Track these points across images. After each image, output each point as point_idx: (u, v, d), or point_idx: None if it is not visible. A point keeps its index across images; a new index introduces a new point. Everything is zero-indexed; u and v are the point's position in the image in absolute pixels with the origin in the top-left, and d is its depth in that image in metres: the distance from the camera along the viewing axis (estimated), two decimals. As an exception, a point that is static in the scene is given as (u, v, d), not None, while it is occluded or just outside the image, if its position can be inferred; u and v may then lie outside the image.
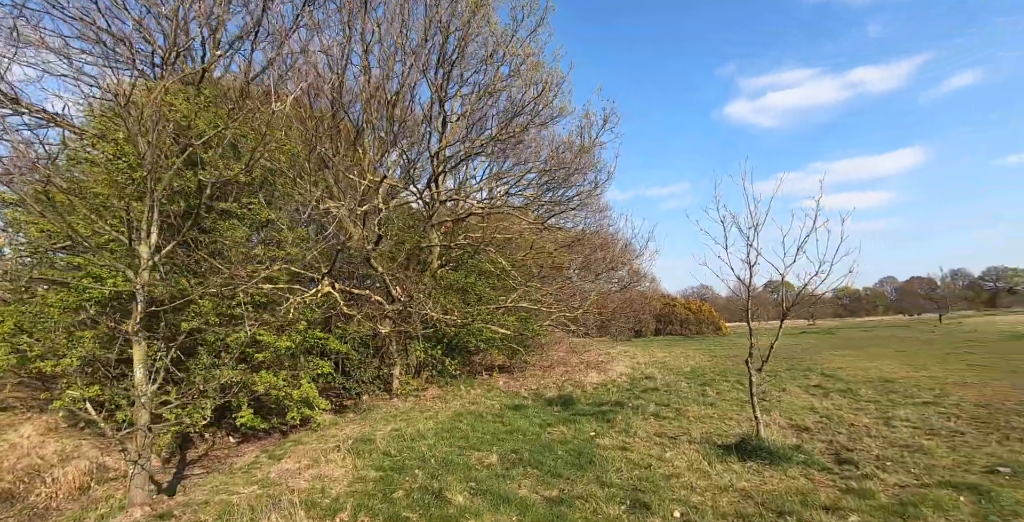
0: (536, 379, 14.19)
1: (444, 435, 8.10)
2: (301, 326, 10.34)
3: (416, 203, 16.10)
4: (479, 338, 13.66)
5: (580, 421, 8.60)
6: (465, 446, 7.38)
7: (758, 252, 6.59)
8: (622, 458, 6.35)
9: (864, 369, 14.48)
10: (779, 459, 5.88)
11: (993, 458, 5.93)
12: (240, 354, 10.10)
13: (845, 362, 16.66)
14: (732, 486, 5.23)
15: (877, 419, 8.14)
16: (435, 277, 14.30)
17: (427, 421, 9.41)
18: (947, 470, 5.55)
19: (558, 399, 10.70)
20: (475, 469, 6.27)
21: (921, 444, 6.54)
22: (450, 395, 12.19)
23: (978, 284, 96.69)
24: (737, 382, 12.33)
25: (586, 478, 5.69)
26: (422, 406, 11.19)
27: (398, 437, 8.17)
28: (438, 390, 13.02)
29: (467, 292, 14.64)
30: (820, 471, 5.68)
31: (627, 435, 7.50)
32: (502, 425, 8.67)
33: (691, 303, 42.38)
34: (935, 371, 13.52)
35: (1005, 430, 7.25)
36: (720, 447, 6.61)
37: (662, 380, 13.03)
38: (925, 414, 8.33)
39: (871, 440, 6.90)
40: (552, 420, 8.82)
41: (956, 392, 10.16)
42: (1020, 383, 11.02)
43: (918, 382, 11.60)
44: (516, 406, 10.23)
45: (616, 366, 15.98)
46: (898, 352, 19.95)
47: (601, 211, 19.34)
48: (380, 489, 5.83)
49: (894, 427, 7.58)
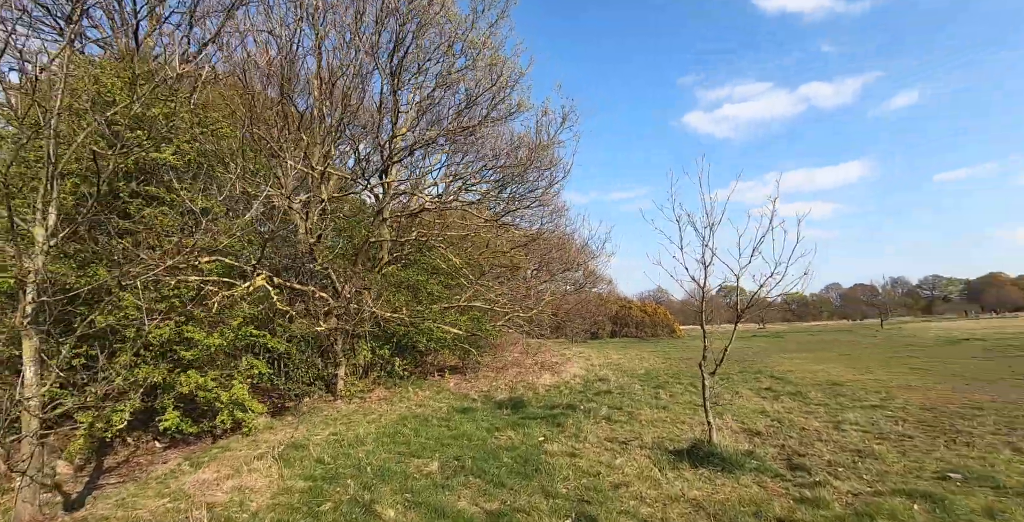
0: (488, 380, 13.77)
1: (385, 441, 7.58)
2: (235, 322, 9.63)
3: (367, 196, 15.49)
4: (429, 338, 13.14)
5: (530, 425, 8.22)
6: (406, 453, 6.88)
7: (713, 252, 6.36)
8: (570, 465, 5.99)
9: (812, 372, 14.67)
10: (731, 466, 5.64)
11: (943, 463, 5.85)
12: (165, 352, 9.34)
13: (794, 365, 16.91)
14: (683, 496, 4.94)
15: (827, 423, 8.07)
16: (384, 274, 13.72)
17: (369, 425, 8.86)
18: (899, 476, 5.41)
19: (509, 402, 10.31)
20: (413, 478, 5.80)
21: (872, 449, 6.43)
22: (397, 397, 11.64)
23: (916, 292, 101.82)
24: (690, 384, 12.23)
25: (531, 488, 5.30)
26: (366, 409, 10.61)
27: (335, 443, 7.61)
28: (385, 392, 12.44)
29: (418, 290, 14.11)
30: (773, 478, 5.46)
31: (577, 440, 7.16)
32: (448, 429, 8.21)
33: (647, 306, 42.84)
34: (880, 374, 13.78)
35: (951, 434, 7.26)
36: (672, 453, 6.34)
37: (616, 382, 12.82)
38: (873, 417, 8.31)
39: (822, 445, 6.77)
40: (501, 424, 8.42)
41: (901, 395, 10.28)
42: (960, 386, 11.28)
43: (864, 385, 11.75)
44: (464, 409, 9.79)
45: (570, 368, 15.72)
46: (843, 356, 20.46)
47: (558, 211, 19.12)
48: (306, 502, 5.29)
49: (844, 431, 7.50)
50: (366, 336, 13.23)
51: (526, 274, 17.09)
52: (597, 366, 16.90)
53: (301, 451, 7.11)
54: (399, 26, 11.01)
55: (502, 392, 11.72)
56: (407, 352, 14.53)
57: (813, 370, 15.23)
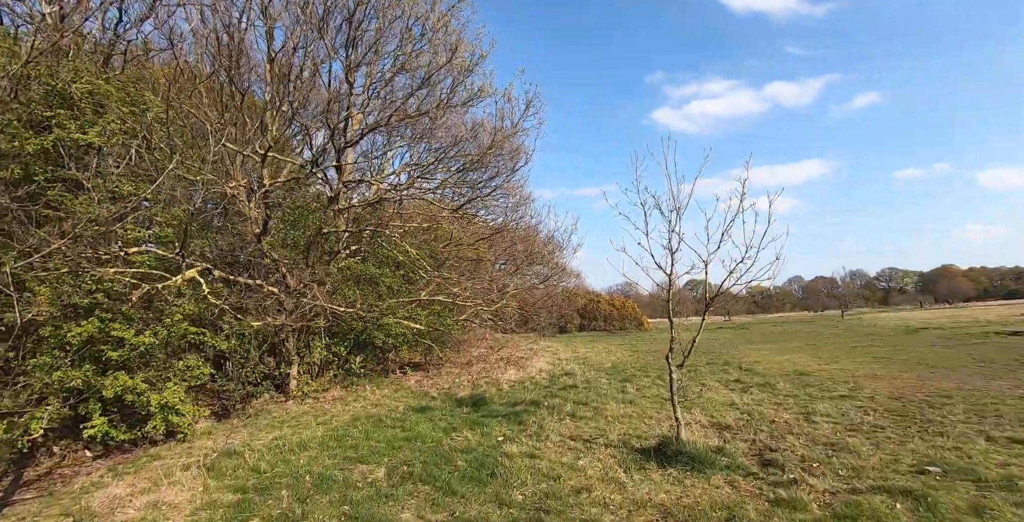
0: (452, 377, 13.22)
1: (331, 445, 6.96)
2: (175, 318, 8.85)
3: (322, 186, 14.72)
4: (388, 334, 12.51)
5: (489, 424, 7.72)
6: (352, 458, 6.29)
7: (680, 238, 5.94)
8: (529, 468, 5.50)
9: (779, 363, 14.56)
10: (701, 464, 5.24)
11: (918, 455, 5.57)
12: (91, 352, 8.52)
13: (761, 356, 16.84)
14: (650, 501, 4.50)
15: (798, 414, 7.79)
16: (341, 268, 13.02)
17: (318, 428, 8.23)
18: (876, 471, 5.10)
19: (470, 399, 9.78)
20: (356, 487, 5.23)
21: (845, 441, 6.13)
22: (353, 396, 11.00)
23: (873, 284, 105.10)
24: (658, 377, 11.92)
25: (484, 496, 4.79)
26: (319, 410, 9.95)
27: (277, 448, 6.96)
28: (341, 391, 11.78)
29: (377, 284, 13.44)
30: (745, 477, 5.08)
31: (538, 439, 6.68)
32: (402, 430, 7.64)
33: (615, 299, 42.83)
34: (845, 364, 13.74)
35: (922, 423, 7.04)
36: (638, 451, 5.92)
37: (582, 377, 12.43)
38: (843, 408, 8.08)
39: (794, 438, 6.45)
40: (459, 423, 7.89)
41: (869, 385, 10.14)
42: (925, 374, 11.24)
43: (831, 375, 11.62)
44: (422, 408, 9.22)
45: (536, 362, 15.29)
46: (808, 346, 20.57)
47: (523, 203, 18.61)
48: (230, 518, 4.68)
49: (815, 423, 7.22)
50: (322, 333, 12.54)
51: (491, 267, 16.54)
52: (564, 360, 16.51)
53: (235, 459, 6.44)
54: (354, 5, 10.31)
55: (464, 389, 11.20)
56: (366, 349, 13.88)
57: (780, 361, 15.14)
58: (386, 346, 13.08)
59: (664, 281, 6.22)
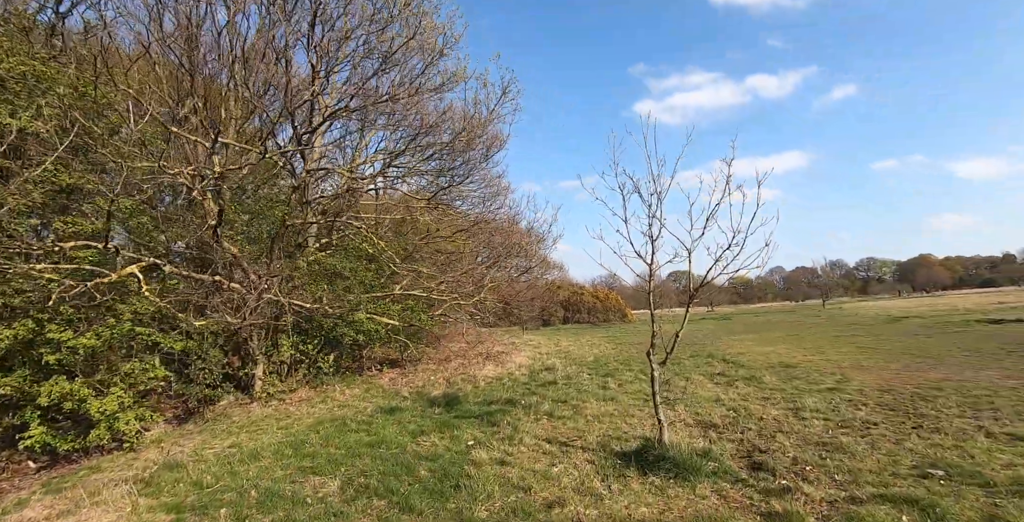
0: (428, 374, 12.67)
1: (287, 453, 6.40)
2: (124, 317, 8.18)
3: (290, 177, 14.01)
4: (358, 330, 11.91)
5: (460, 426, 7.20)
6: (307, 468, 5.74)
7: (661, 224, 5.45)
8: (499, 478, 5.00)
9: (764, 354, 14.25)
10: (686, 471, 4.78)
11: (917, 455, 5.18)
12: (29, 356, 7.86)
13: (744, 347, 16.54)
14: (630, 516, 4.02)
15: (786, 410, 7.39)
16: (311, 262, 12.37)
17: (278, 432, 7.66)
18: (875, 475, 4.68)
19: (442, 398, 9.26)
20: (304, 504, 4.68)
21: (838, 441, 5.72)
22: (322, 397, 10.42)
23: (853, 273, 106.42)
24: (640, 372, 11.50)
25: (445, 512, 4.28)
26: (283, 412, 9.37)
27: (227, 458, 6.38)
28: (310, 391, 11.19)
29: (347, 278, 12.82)
30: (734, 484, 4.63)
31: (511, 443, 6.19)
32: (366, 434, 7.10)
33: (599, 291, 42.55)
34: (830, 354, 13.47)
35: (916, 418, 6.68)
36: (618, 456, 5.45)
37: (563, 372, 11.97)
38: (833, 402, 7.71)
39: (784, 437, 6.04)
40: (428, 426, 7.36)
41: (856, 376, 9.81)
42: (911, 364, 10.97)
43: (817, 366, 11.30)
44: (391, 409, 8.68)
45: (516, 357, 14.80)
46: (791, 336, 20.38)
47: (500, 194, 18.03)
48: (155, 545, 4.11)
49: (805, 419, 6.82)
50: (289, 330, 11.92)
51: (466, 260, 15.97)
52: (545, 355, 16.06)
53: (178, 471, 5.85)
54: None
55: (438, 387, 10.67)
56: (337, 347, 13.28)
57: (764, 352, 14.84)
58: (358, 343, 12.47)
59: (645, 271, 5.73)
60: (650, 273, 5.44)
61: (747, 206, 4.96)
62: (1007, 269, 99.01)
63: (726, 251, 4.84)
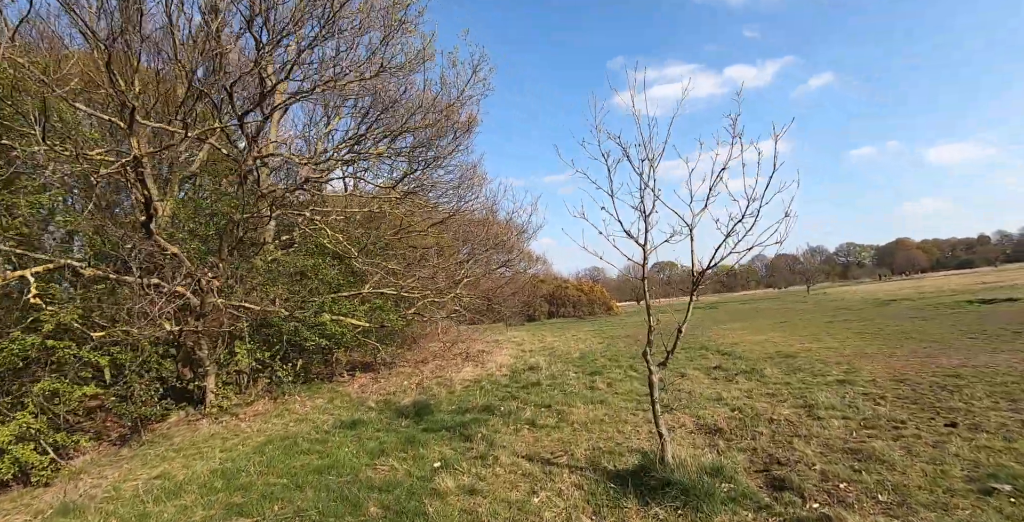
0: (402, 378, 11.67)
1: (216, 486, 5.35)
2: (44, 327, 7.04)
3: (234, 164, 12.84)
4: (321, 334, 10.85)
5: (428, 442, 6.22)
6: (235, 507, 4.71)
7: (656, 195, 4.51)
8: (465, 514, 4.04)
9: (759, 344, 13.47)
10: (696, 497, 3.86)
11: (967, 463, 4.33)
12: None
13: (737, 337, 15.79)
14: (632, 570, 3.09)
15: (798, 408, 6.54)
16: (268, 261, 11.27)
17: (216, 457, 6.62)
18: (926, 493, 3.81)
19: (412, 407, 8.27)
20: (218, 560, 3.68)
21: (869, 446, 4.85)
22: (280, 410, 9.39)
23: (833, 259, 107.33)
24: (630, 368, 10.62)
25: (393, 570, 3.31)
26: (232, 430, 8.31)
27: (145, 494, 5.32)
28: (270, 403, 10.13)
29: (310, 278, 11.73)
30: (757, 513, 3.72)
31: (484, 463, 5.22)
32: (317, 457, 6.08)
33: (583, 284, 41.78)
34: (828, 342, 12.72)
35: (946, 413, 5.86)
36: (612, 478, 4.51)
37: (547, 371, 11.04)
38: (847, 397, 6.87)
39: (804, 443, 5.17)
40: (391, 443, 6.36)
41: (864, 366, 9.02)
42: (918, 350, 10.24)
43: (819, 355, 10.51)
44: (353, 423, 7.66)
45: (498, 356, 13.85)
46: (782, 323, 19.70)
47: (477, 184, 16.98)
48: None
49: (821, 419, 5.97)
50: (246, 337, 10.82)
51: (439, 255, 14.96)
52: (529, 352, 15.11)
53: (74, 518, 4.79)
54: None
55: (409, 394, 9.67)
56: (304, 353, 12.21)
57: (758, 341, 14.08)
58: (320, 348, 11.40)
59: (636, 254, 4.80)
60: (643, 256, 4.50)
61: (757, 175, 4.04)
62: (982, 250, 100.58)
63: (738, 224, 3.92)
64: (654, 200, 4.41)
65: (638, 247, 4.66)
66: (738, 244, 4.04)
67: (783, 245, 4.05)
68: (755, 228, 4.00)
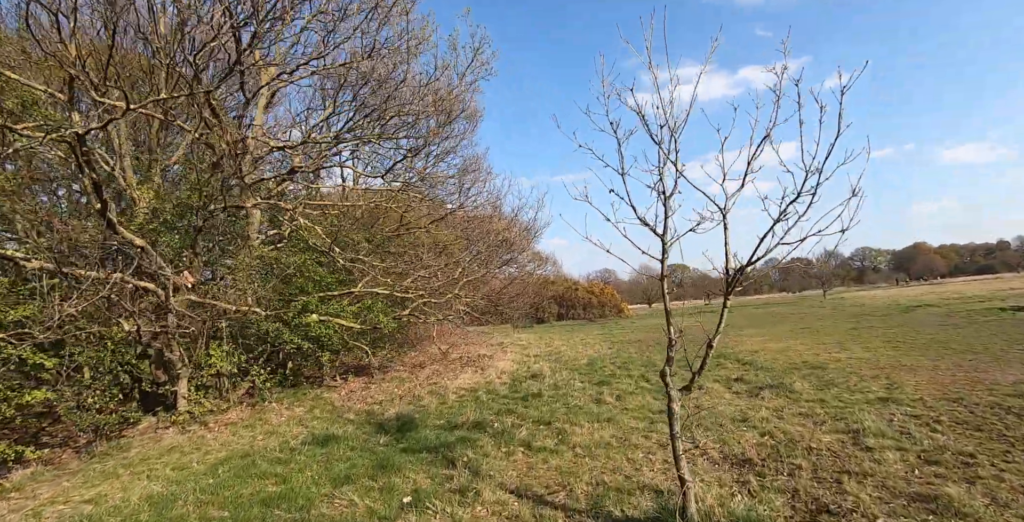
0: (394, 385, 10.79)
1: (140, 519, 4.49)
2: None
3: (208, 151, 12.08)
4: (304, 336, 10.01)
5: (404, 467, 5.32)
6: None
7: (679, 171, 3.57)
8: (429, 579, 3.13)
9: (781, 352, 12.43)
10: (731, 565, 2.92)
11: (1079, 521, 3.35)
12: None
13: (756, 344, 14.72)
14: None
15: (840, 434, 5.56)
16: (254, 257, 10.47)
17: (165, 476, 5.77)
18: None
19: (395, 421, 7.38)
20: None
21: (941, 490, 3.89)
22: (254, 419, 8.56)
23: (848, 263, 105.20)
24: (641, 377, 9.68)
25: None
26: (195, 442, 7.48)
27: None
28: (246, 410, 9.31)
29: (297, 276, 10.90)
30: (813, 593, 2.78)
31: (464, 501, 4.31)
32: (272, 482, 5.21)
33: (593, 286, 40.79)
34: (857, 351, 11.66)
35: (1022, 445, 4.86)
36: (619, 528, 3.59)
37: (551, 380, 10.10)
38: (895, 420, 5.89)
39: (855, 483, 4.20)
40: (361, 466, 5.47)
41: (906, 380, 7.99)
42: (964, 362, 9.17)
43: (851, 367, 9.48)
44: (326, 438, 6.78)
45: (499, 361, 12.92)
46: (803, 329, 18.59)
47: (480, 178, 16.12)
48: None
49: (872, 449, 4.99)
50: (225, 338, 10.04)
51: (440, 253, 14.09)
52: (533, 357, 14.16)
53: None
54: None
55: (395, 405, 8.77)
56: (293, 356, 11.41)
57: (780, 349, 13.02)
58: (301, 351, 10.56)
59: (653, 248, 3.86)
60: (662, 248, 3.57)
61: (818, 139, 3.09)
62: (1002, 256, 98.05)
63: (791, 204, 2.97)
64: (676, 178, 3.48)
65: (656, 238, 3.73)
66: (788, 232, 3.10)
67: (846, 233, 3.09)
68: (809, 212, 3.06)
